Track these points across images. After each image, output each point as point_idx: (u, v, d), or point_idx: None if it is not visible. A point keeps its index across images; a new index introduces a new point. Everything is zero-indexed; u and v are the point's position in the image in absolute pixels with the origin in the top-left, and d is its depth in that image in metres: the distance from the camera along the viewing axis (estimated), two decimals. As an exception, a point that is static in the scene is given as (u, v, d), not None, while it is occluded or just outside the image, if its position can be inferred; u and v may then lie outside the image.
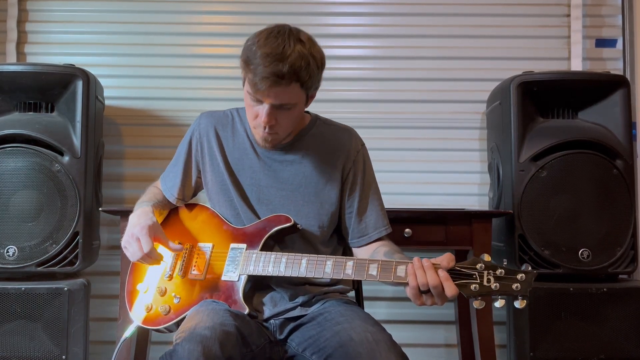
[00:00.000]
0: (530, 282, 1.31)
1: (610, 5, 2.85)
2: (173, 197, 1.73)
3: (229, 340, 1.33)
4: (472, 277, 1.31)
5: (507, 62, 2.81)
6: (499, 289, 1.30)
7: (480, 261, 1.32)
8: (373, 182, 1.69)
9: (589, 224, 2.26)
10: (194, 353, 1.26)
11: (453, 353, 2.71)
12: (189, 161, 1.72)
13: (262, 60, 1.42)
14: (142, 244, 1.51)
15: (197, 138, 1.70)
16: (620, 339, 2.23)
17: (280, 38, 1.44)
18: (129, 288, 1.65)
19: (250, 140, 1.66)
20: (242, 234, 1.61)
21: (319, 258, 1.47)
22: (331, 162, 1.64)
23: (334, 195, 1.63)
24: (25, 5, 2.83)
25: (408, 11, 2.86)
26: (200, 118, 1.72)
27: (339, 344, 1.38)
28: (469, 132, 2.81)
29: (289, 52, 1.43)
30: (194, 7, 2.86)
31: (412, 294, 1.34)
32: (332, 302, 1.59)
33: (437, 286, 1.31)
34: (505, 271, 1.30)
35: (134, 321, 1.59)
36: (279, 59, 1.42)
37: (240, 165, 1.65)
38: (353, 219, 1.64)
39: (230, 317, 1.41)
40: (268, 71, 1.41)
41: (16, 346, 2.19)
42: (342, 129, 1.71)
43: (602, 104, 2.38)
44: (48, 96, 2.39)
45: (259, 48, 1.43)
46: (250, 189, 1.64)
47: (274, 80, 1.42)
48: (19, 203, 2.25)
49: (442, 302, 1.33)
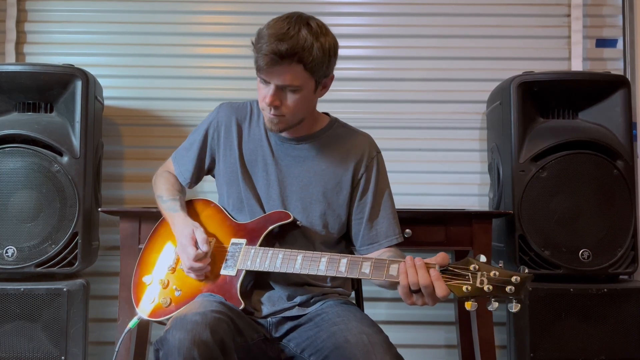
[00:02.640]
0: (525, 285, 1.26)
1: (611, 5, 2.85)
2: (186, 181, 1.77)
3: (219, 326, 1.32)
4: (465, 277, 1.28)
5: (508, 62, 2.80)
6: (492, 291, 1.25)
7: (474, 262, 1.29)
8: (386, 189, 1.67)
9: (590, 224, 2.26)
10: (184, 342, 1.26)
11: (453, 354, 2.71)
12: (203, 149, 1.74)
13: (266, 40, 1.46)
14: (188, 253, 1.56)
15: (214, 127, 1.71)
16: (621, 340, 2.22)
17: (287, 21, 1.49)
18: (135, 280, 1.68)
19: (266, 132, 1.67)
20: (244, 229, 1.62)
21: (314, 255, 1.48)
22: (343, 165, 1.64)
23: (342, 198, 1.63)
24: (24, 5, 2.83)
25: (408, 11, 2.86)
26: (220, 107, 1.74)
27: (335, 346, 1.38)
28: (469, 133, 2.80)
29: (292, 34, 1.46)
30: (193, 7, 2.86)
31: (403, 292, 1.33)
32: (330, 303, 1.59)
33: (427, 285, 1.29)
34: (499, 273, 1.27)
35: (138, 313, 1.62)
36: (280, 38, 1.45)
37: (254, 157, 1.67)
38: (363, 225, 1.63)
39: (224, 307, 1.42)
40: (268, 49, 1.45)
41: (15, 347, 2.19)
42: (359, 133, 1.71)
43: (603, 104, 2.38)
44: (47, 96, 2.39)
45: (266, 29, 1.48)
46: (260, 182, 1.65)
47: (273, 58, 1.45)
48: (18, 203, 2.24)
49: (433, 302, 1.32)
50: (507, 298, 1.26)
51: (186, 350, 1.25)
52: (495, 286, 1.26)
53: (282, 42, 1.44)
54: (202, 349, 1.26)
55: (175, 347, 1.26)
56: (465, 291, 1.27)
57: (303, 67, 1.48)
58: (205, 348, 1.26)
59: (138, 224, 2.13)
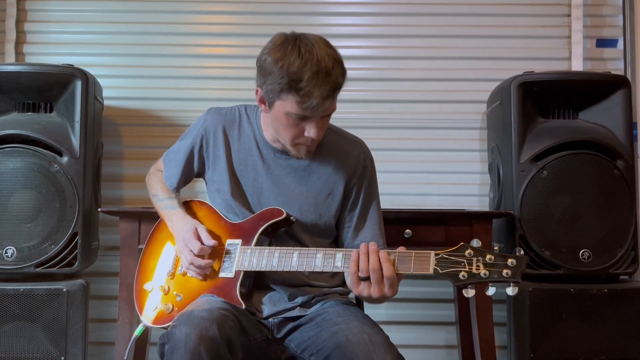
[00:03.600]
0: (521, 267, 1.25)
1: (611, 5, 2.84)
2: (172, 186, 1.74)
3: (226, 323, 1.32)
4: (461, 264, 1.28)
5: (508, 62, 2.80)
6: (489, 276, 1.25)
7: (468, 247, 1.29)
8: (375, 199, 1.66)
9: (590, 224, 2.26)
10: (190, 337, 1.25)
11: (453, 354, 2.70)
12: (191, 155, 1.70)
13: (313, 81, 1.39)
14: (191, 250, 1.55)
15: (203, 135, 1.68)
16: (621, 340, 2.21)
17: (308, 53, 1.40)
18: (136, 288, 1.67)
19: (256, 141, 1.65)
20: (238, 229, 1.61)
21: (310, 251, 1.47)
22: (336, 175, 1.62)
23: (334, 209, 1.63)
24: (24, 5, 2.82)
25: (408, 11, 2.85)
26: (207, 114, 1.70)
27: (336, 345, 1.38)
28: (469, 133, 2.80)
29: (332, 66, 1.41)
30: (193, 7, 2.85)
31: (350, 279, 1.36)
32: (330, 303, 1.59)
33: (376, 270, 1.31)
34: (494, 257, 1.26)
35: (143, 321, 1.61)
36: (328, 73, 1.40)
37: (244, 166, 1.64)
38: (350, 234, 1.63)
39: (229, 305, 1.42)
40: (327, 89, 1.40)
41: (15, 347, 2.18)
42: (352, 141, 1.68)
43: (603, 104, 2.38)
44: (47, 96, 2.39)
45: (301, 68, 1.39)
46: (250, 192, 1.64)
47: (332, 95, 1.42)
48: (17, 204, 2.24)
49: (379, 290, 1.32)
50: (505, 282, 1.26)
51: (193, 345, 1.24)
52: (492, 271, 1.26)
53: (332, 77, 1.40)
54: (208, 345, 1.25)
55: (181, 342, 1.25)
56: (462, 278, 1.27)
57: (339, 89, 1.47)
58: (212, 344, 1.26)
59: (138, 224, 2.13)
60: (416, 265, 1.33)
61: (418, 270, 1.32)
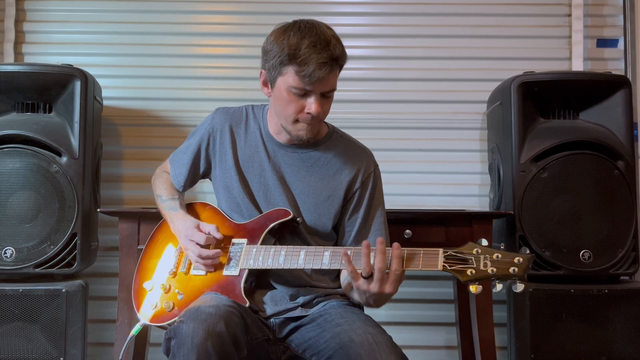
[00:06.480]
0: (527, 264, 1.30)
1: (612, 5, 2.84)
2: (179, 184, 1.76)
3: (232, 320, 1.33)
4: (469, 262, 1.32)
5: (508, 62, 2.80)
6: (496, 273, 1.30)
7: (476, 246, 1.33)
8: (380, 206, 1.66)
9: (590, 225, 2.25)
10: (197, 332, 1.25)
11: (454, 355, 2.70)
12: (198, 155, 1.72)
13: (311, 49, 1.42)
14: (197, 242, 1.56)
15: (210, 133, 1.70)
16: (622, 341, 2.21)
17: (307, 29, 1.45)
18: (135, 287, 1.67)
19: (262, 138, 1.66)
20: (243, 229, 1.62)
21: (317, 249, 1.48)
22: (338, 179, 1.63)
23: (333, 211, 1.63)
24: (23, 5, 2.82)
25: (408, 11, 2.85)
26: (215, 113, 1.72)
27: (339, 346, 1.39)
28: (469, 133, 2.80)
29: (331, 39, 1.45)
30: (193, 7, 2.85)
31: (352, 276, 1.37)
32: (332, 304, 1.59)
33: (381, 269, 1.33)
34: (502, 255, 1.31)
35: (141, 319, 1.61)
36: (326, 44, 1.43)
37: (250, 163, 1.66)
38: (352, 239, 1.63)
39: (234, 303, 1.43)
40: (325, 56, 1.42)
41: (14, 348, 2.18)
42: (359, 147, 1.70)
43: (604, 105, 2.37)
44: (46, 96, 2.38)
45: (300, 40, 1.43)
46: (257, 188, 1.65)
47: (331, 65, 1.44)
48: (16, 204, 2.24)
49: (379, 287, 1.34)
50: (511, 279, 1.30)
51: (200, 340, 1.24)
52: (499, 268, 1.30)
53: (330, 47, 1.43)
54: (215, 340, 1.25)
55: (188, 337, 1.25)
56: (470, 275, 1.30)
57: (340, 68, 1.50)
58: (218, 339, 1.26)
59: (137, 225, 2.12)
60: (425, 262, 1.36)
61: (426, 267, 1.35)
